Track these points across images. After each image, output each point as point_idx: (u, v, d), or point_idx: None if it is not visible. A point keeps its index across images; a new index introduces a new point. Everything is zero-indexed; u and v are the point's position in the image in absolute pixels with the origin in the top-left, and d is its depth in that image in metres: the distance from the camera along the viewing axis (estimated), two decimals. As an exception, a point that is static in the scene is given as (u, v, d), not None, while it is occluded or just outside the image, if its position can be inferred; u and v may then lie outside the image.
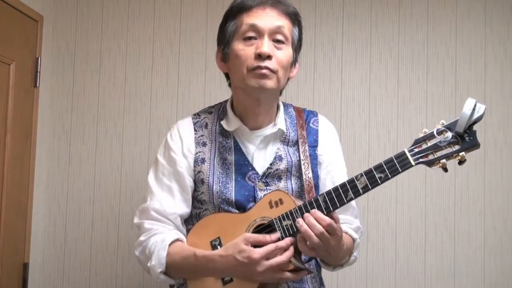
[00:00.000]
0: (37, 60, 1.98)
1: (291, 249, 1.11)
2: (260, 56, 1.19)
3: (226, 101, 1.38)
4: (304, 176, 1.25)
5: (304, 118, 1.36)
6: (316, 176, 1.28)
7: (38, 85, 1.98)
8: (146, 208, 1.28)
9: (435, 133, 1.04)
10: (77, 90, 2.09)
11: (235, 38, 1.25)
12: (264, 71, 1.19)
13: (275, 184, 1.26)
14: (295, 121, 1.34)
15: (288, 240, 1.11)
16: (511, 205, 1.97)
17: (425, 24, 2.04)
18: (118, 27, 2.10)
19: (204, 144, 1.31)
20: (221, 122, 1.31)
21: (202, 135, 1.32)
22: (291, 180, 1.27)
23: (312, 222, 1.07)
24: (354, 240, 1.27)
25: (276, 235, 1.12)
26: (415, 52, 2.04)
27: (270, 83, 1.21)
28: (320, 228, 1.06)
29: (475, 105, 1.01)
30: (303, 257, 1.21)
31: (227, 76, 1.37)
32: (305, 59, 2.04)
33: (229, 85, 1.37)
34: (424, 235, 1.98)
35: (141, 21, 2.09)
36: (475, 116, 1.01)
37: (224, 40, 1.28)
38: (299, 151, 1.29)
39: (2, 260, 1.78)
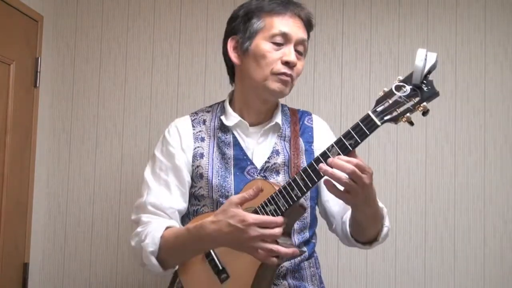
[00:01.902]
0: (37, 60, 1.98)
1: (281, 229, 1.08)
2: (287, 64, 1.24)
3: (223, 101, 1.40)
4: (292, 165, 1.27)
5: (298, 116, 1.39)
6: None
7: (38, 85, 1.98)
8: (143, 203, 1.28)
9: (393, 89, 1.03)
10: (77, 90, 2.09)
11: (260, 37, 1.26)
12: (288, 78, 1.25)
13: (274, 178, 1.28)
14: (289, 119, 1.37)
15: (281, 218, 1.08)
16: (511, 205, 1.97)
17: (425, 24, 2.04)
18: (118, 27, 2.10)
19: (202, 140, 1.32)
20: (221, 118, 1.33)
21: (200, 131, 1.34)
22: (288, 173, 1.29)
23: (339, 163, 1.02)
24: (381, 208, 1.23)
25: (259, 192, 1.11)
26: (415, 52, 2.02)
27: (288, 90, 1.27)
28: (350, 166, 1.01)
29: (426, 55, 1.02)
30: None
31: (230, 70, 1.37)
32: (305, 59, 2.03)
33: (231, 81, 1.39)
34: (424, 235, 1.98)
35: (141, 21, 2.10)
36: (428, 65, 1.01)
37: (246, 33, 1.27)
38: (290, 145, 1.31)
39: (2, 260, 1.78)
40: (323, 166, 1.04)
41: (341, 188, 1.05)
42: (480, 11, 2.03)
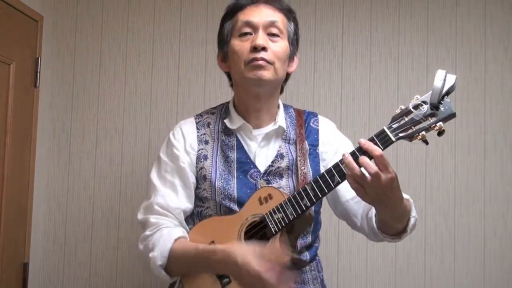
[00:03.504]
0: (37, 60, 1.98)
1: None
2: (255, 49, 1.23)
3: (228, 102, 1.40)
4: (299, 172, 1.27)
5: (304, 118, 1.37)
6: (316, 173, 1.28)
7: (38, 85, 1.98)
8: (150, 203, 1.28)
9: (411, 107, 1.05)
10: (77, 90, 2.09)
11: (232, 37, 1.30)
12: (260, 62, 1.23)
13: (277, 181, 1.27)
14: (295, 121, 1.36)
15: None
16: (511, 206, 1.97)
17: (425, 24, 2.04)
18: (118, 27, 2.10)
19: (206, 142, 1.33)
20: (224, 121, 1.34)
21: (204, 134, 1.34)
22: (292, 177, 1.28)
23: (367, 162, 1.03)
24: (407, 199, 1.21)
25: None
26: (415, 52, 2.04)
27: (267, 74, 1.24)
28: (374, 167, 1.02)
29: (445, 76, 1.02)
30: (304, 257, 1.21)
31: (228, 76, 1.40)
32: (305, 59, 2.04)
33: (231, 85, 1.40)
34: (424, 235, 1.98)
35: (141, 21, 2.09)
36: (447, 86, 1.02)
37: (223, 41, 1.33)
38: (296, 148, 1.30)
39: (2, 260, 1.78)
40: (348, 157, 1.04)
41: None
42: (480, 11, 2.03)
